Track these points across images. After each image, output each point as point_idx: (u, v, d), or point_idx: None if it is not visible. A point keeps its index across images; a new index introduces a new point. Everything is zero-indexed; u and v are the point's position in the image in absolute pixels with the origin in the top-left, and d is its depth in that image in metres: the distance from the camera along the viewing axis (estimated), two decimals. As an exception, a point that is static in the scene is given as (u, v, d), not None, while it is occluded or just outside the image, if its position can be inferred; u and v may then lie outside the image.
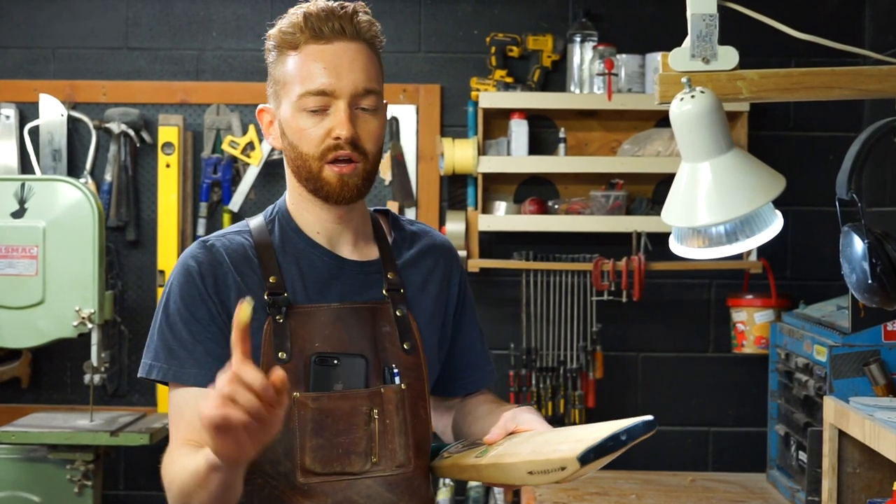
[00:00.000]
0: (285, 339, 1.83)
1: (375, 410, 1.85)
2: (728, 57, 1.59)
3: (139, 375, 1.86)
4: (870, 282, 1.61)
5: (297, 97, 1.83)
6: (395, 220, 2.06)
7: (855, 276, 1.66)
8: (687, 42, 1.61)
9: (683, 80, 1.54)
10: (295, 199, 1.94)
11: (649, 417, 1.54)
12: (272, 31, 1.89)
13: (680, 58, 1.58)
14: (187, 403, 1.80)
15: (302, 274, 1.90)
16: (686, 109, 1.53)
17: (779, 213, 1.61)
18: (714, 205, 1.52)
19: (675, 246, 1.63)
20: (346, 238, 1.94)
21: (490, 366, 2.14)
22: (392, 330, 1.91)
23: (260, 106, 1.95)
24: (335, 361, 1.84)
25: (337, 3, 1.87)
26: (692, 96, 1.53)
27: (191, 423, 1.77)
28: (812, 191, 4.03)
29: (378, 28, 1.91)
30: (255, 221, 1.96)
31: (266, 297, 1.84)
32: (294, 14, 1.86)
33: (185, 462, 1.73)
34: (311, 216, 1.92)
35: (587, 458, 1.49)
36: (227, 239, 1.91)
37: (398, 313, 1.92)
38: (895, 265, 1.61)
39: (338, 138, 1.81)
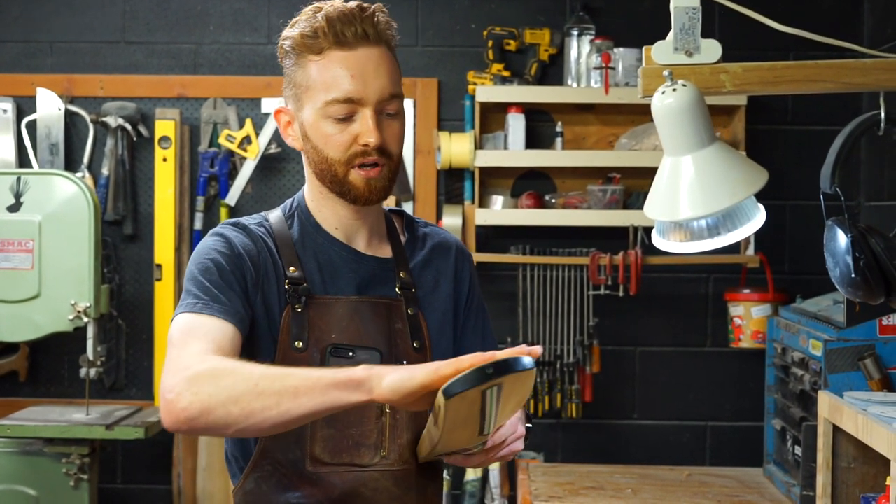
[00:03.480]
0: (303, 328, 1.85)
1: (387, 405, 1.83)
2: (711, 50, 1.58)
3: (171, 319, 1.80)
4: (853, 276, 1.61)
5: (323, 104, 1.84)
6: (409, 221, 2.07)
7: (839, 270, 1.65)
8: (671, 35, 1.61)
9: (665, 73, 1.53)
10: (315, 195, 1.95)
11: (526, 358, 1.52)
12: (291, 35, 1.87)
13: (663, 51, 1.57)
14: (212, 327, 1.75)
15: (320, 267, 1.92)
16: (667, 103, 1.53)
17: (761, 207, 1.60)
18: (696, 198, 1.52)
19: (657, 240, 1.62)
20: (362, 235, 1.96)
21: None
22: (404, 327, 1.93)
23: (277, 107, 1.96)
24: (350, 353, 1.86)
25: (356, 4, 1.87)
26: (674, 89, 1.53)
27: (218, 343, 1.72)
28: (809, 185, 3.99)
29: (395, 27, 1.91)
30: (274, 215, 1.97)
31: (287, 286, 1.86)
32: (314, 17, 1.85)
33: (256, 366, 1.64)
34: (329, 212, 1.94)
35: (450, 390, 1.47)
36: (253, 225, 1.93)
37: (410, 311, 1.94)
38: (879, 259, 1.60)
39: (366, 145, 1.83)
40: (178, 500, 4.07)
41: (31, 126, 4.13)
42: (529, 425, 1.88)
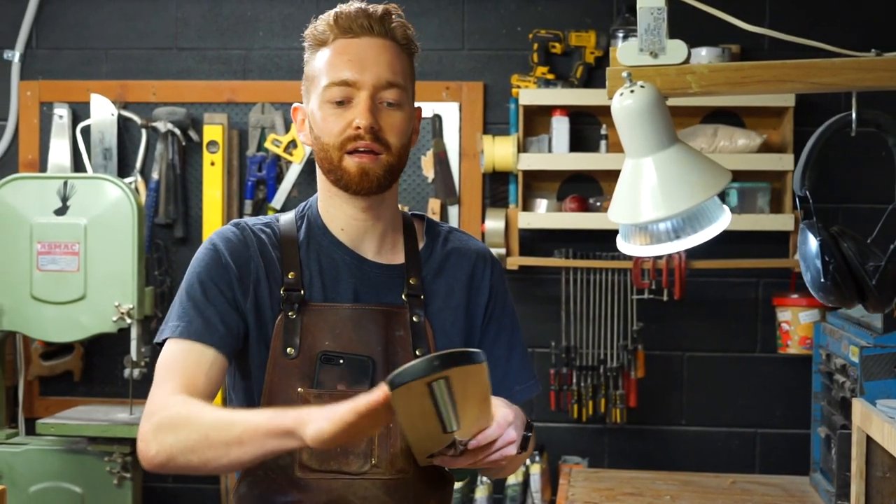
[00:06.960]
0: (295, 335, 1.86)
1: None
2: (677, 51, 1.55)
3: (154, 342, 1.88)
4: (822, 280, 1.56)
5: (322, 89, 1.86)
6: (429, 226, 2.04)
7: (809, 274, 1.61)
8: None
9: (624, 74, 1.51)
10: (323, 194, 1.95)
11: (474, 350, 1.51)
12: (307, 32, 1.93)
13: (628, 52, 1.55)
14: (190, 356, 1.81)
15: (322, 271, 1.91)
16: (626, 104, 1.50)
17: (726, 209, 1.57)
18: (657, 201, 1.49)
19: (621, 244, 1.59)
20: (371, 238, 1.94)
21: (522, 385, 2.02)
22: (406, 335, 1.90)
23: (294, 104, 1.99)
24: (341, 361, 1.85)
25: (370, 5, 1.90)
26: (632, 91, 1.50)
27: (192, 376, 1.79)
28: (861, 187, 3.93)
29: (412, 32, 1.92)
30: (286, 216, 1.98)
31: (282, 293, 1.87)
32: (327, 15, 1.90)
33: (209, 413, 1.71)
34: (336, 211, 1.93)
35: (394, 381, 1.46)
36: (256, 228, 1.94)
37: (415, 319, 1.91)
38: (849, 263, 1.56)
39: (358, 128, 1.83)
40: (226, 499, 4.13)
41: (86, 131, 4.23)
42: (529, 433, 1.85)
